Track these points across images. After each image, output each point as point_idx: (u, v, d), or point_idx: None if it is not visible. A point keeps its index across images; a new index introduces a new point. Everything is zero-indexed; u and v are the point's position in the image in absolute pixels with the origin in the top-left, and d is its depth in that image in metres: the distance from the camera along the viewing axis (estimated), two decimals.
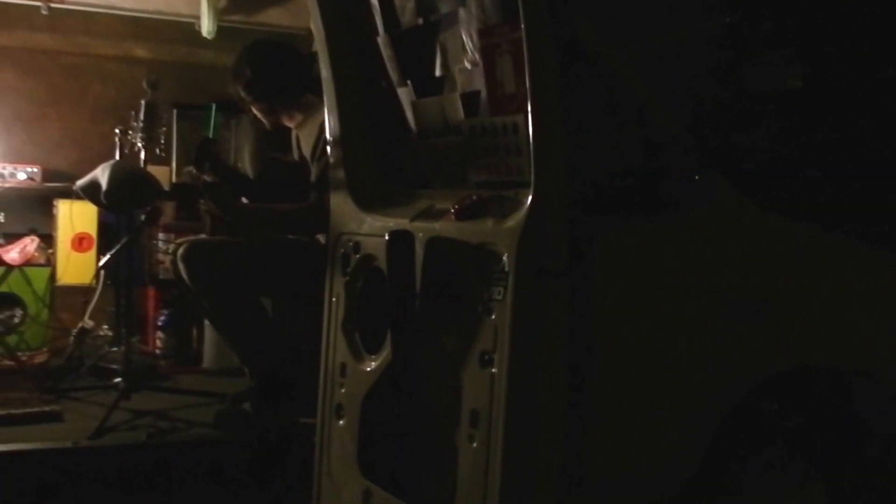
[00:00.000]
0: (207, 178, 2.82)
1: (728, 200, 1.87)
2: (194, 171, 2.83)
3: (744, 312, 1.84)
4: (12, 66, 4.51)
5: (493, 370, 1.70)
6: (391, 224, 2.01)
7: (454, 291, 1.82)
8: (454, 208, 1.85)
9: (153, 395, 3.10)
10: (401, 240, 1.89)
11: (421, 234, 1.89)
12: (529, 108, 1.65)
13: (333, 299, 2.22)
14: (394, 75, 2.15)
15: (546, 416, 1.69)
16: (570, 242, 1.68)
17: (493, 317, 1.71)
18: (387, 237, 1.90)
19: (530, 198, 1.66)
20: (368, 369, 2.08)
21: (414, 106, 2.12)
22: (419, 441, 1.91)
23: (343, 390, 2.17)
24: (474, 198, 1.85)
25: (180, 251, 2.84)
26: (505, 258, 1.69)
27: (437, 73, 2.05)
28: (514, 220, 1.69)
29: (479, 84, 1.89)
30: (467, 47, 1.92)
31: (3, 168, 4.26)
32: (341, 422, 2.17)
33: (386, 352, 1.99)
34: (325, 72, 2.24)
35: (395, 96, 2.18)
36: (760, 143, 2.13)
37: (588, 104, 1.76)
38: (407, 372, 1.92)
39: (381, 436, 2.02)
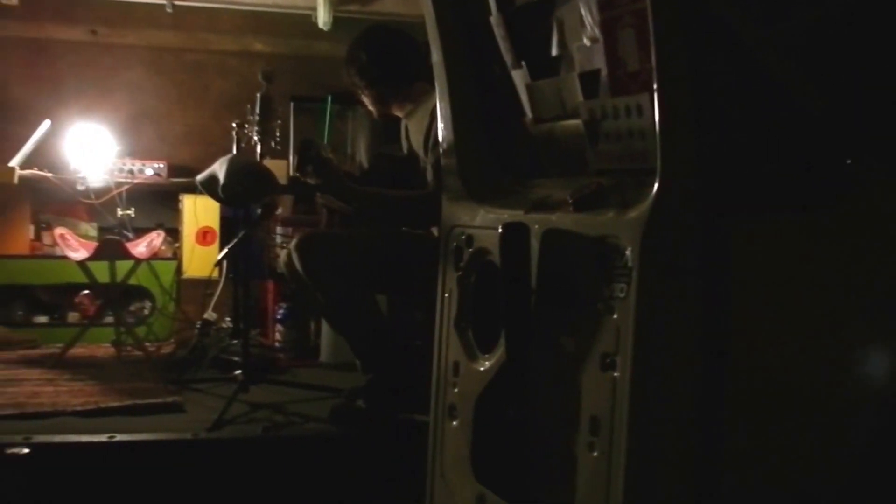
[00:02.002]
0: (311, 181, 2.78)
1: (884, 188, 1.66)
2: (298, 175, 2.79)
3: None
4: (140, 65, 4.69)
5: (616, 374, 1.56)
6: (505, 216, 1.89)
7: (572, 288, 1.69)
8: (572, 198, 1.72)
9: (271, 388, 3.13)
10: (515, 232, 1.77)
11: (536, 227, 1.77)
12: (655, 88, 1.50)
13: (446, 295, 2.13)
14: (507, 57, 2.03)
15: (674, 426, 1.54)
16: (702, 236, 1.52)
17: (615, 316, 1.57)
18: (500, 230, 1.79)
19: (656, 186, 1.51)
20: (482, 369, 1.98)
21: (529, 89, 1.99)
22: (535, 446, 1.79)
23: (456, 390, 2.08)
24: (594, 186, 1.71)
25: (295, 242, 2.84)
26: (628, 252, 1.54)
27: (554, 52, 1.91)
28: (638, 210, 1.54)
29: (600, 62, 1.74)
30: (586, 22, 1.77)
31: (133, 164, 4.43)
32: (454, 422, 2.08)
33: (500, 351, 1.89)
34: (435, 56, 2.15)
35: (509, 80, 2.06)
36: None
37: (722, 83, 1.60)
38: (522, 373, 1.81)
39: (495, 439, 1.92)
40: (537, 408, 1.78)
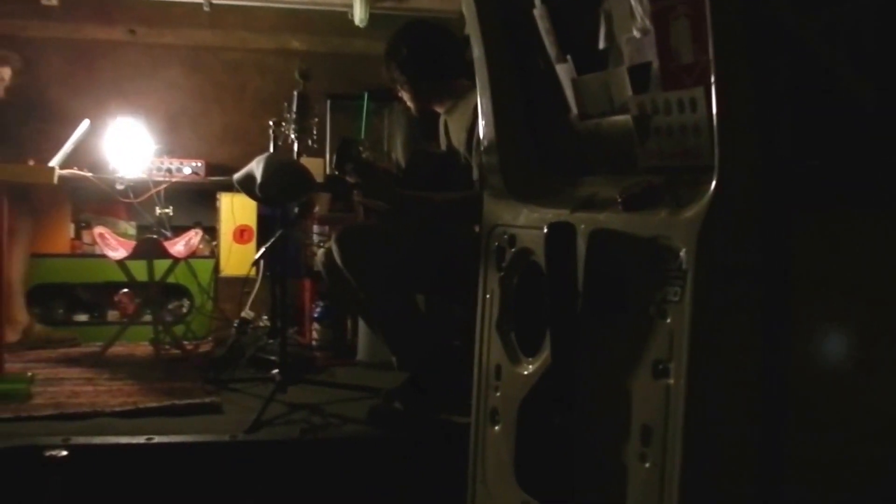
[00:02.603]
0: (350, 179, 2.75)
1: None
2: (336, 173, 2.76)
3: None
4: (178, 64, 4.71)
5: (669, 381, 1.49)
6: (550, 215, 1.83)
7: (622, 291, 1.63)
8: (621, 197, 1.65)
9: (308, 388, 3.10)
10: (561, 232, 1.71)
11: (583, 226, 1.71)
12: (713, 81, 1.42)
13: (487, 296, 2.07)
14: (552, 51, 1.96)
15: (731, 436, 1.47)
16: (761, 236, 1.44)
17: (669, 321, 1.50)
18: (545, 230, 1.73)
19: (713, 184, 1.43)
20: (525, 373, 1.92)
21: (574, 84, 1.93)
22: (582, 455, 1.73)
23: (498, 394, 2.02)
24: (644, 185, 1.64)
25: (336, 234, 2.80)
26: (682, 254, 1.47)
27: (601, 45, 1.84)
28: (694, 210, 1.47)
29: (650, 55, 1.66)
30: (636, 13, 1.70)
31: (171, 163, 4.44)
32: (496, 427, 2.02)
33: (545, 355, 1.83)
34: (476, 50, 2.09)
35: (553, 74, 1.99)
36: None
37: (782, 76, 1.52)
38: (568, 378, 1.74)
39: (539, 445, 1.86)
40: (583, 414, 1.72)
